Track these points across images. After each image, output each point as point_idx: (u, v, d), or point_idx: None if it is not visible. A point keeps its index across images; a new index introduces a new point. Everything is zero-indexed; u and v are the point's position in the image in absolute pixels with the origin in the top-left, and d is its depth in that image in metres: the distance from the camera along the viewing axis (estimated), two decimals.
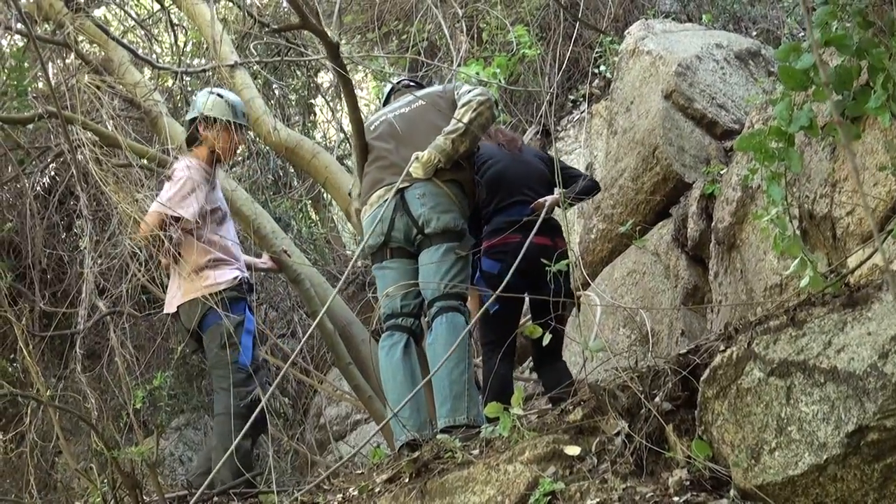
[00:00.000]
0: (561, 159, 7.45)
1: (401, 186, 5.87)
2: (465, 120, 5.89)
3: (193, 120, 6.87)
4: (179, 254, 6.42)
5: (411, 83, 6.93)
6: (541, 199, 6.38)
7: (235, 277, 6.51)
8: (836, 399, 3.16)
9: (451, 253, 5.75)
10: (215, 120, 6.75)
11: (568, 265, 6.20)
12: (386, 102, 6.75)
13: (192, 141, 6.92)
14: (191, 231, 6.44)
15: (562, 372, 6.40)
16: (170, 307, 6.63)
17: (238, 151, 7.50)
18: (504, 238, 6.26)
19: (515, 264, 5.33)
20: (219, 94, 6.92)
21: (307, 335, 5.73)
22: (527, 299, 6.54)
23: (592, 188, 6.75)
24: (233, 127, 6.81)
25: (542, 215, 6.04)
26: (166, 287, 7.44)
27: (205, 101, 6.84)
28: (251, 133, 8.03)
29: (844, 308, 3.33)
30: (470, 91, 6.16)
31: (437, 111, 6.16)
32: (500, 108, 10.35)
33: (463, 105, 6.01)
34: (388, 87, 6.89)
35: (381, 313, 6.08)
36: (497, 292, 5.11)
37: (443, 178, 5.90)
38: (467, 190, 6.06)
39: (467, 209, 6.05)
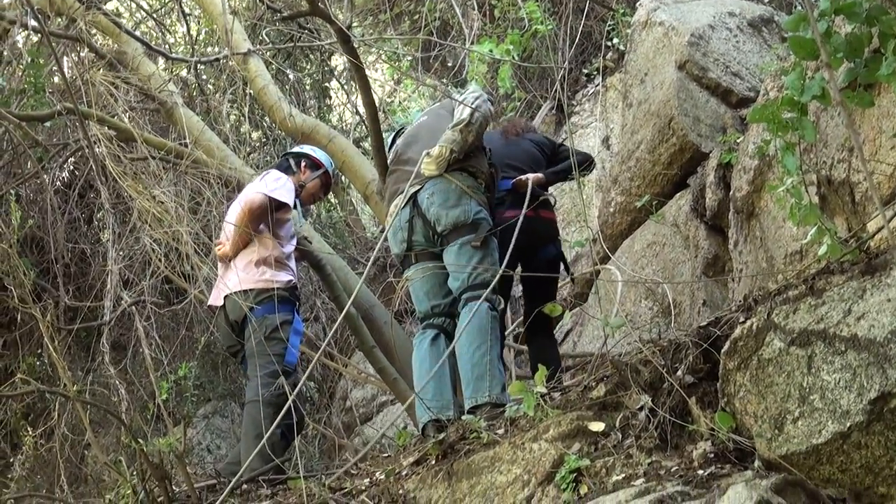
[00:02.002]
0: (560, 141, 7.51)
1: (413, 190, 5.92)
2: (467, 113, 5.95)
3: (294, 154, 7.52)
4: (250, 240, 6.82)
5: None
6: (522, 177, 6.42)
7: (290, 281, 6.83)
8: (857, 366, 3.16)
9: (467, 246, 5.78)
10: (317, 167, 7.41)
11: (557, 236, 6.37)
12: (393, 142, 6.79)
13: (281, 167, 7.38)
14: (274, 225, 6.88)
15: (549, 348, 6.44)
16: (216, 300, 6.82)
17: (313, 204, 8.23)
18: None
19: (512, 243, 5.50)
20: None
21: (336, 325, 5.77)
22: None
23: (581, 162, 6.77)
24: (328, 183, 7.59)
25: (528, 192, 6.17)
26: (188, 278, 7.54)
27: (316, 151, 7.60)
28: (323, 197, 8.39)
29: (863, 275, 3.33)
30: (463, 94, 6.29)
31: (440, 119, 6.26)
32: (514, 85, 10.31)
33: (460, 104, 6.10)
34: (393, 133, 6.93)
35: (417, 316, 6.20)
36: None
37: (451, 170, 5.92)
38: (481, 178, 6.06)
39: (484, 197, 6.04)
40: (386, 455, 5.66)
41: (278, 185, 6.88)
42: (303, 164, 7.38)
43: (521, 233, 5.81)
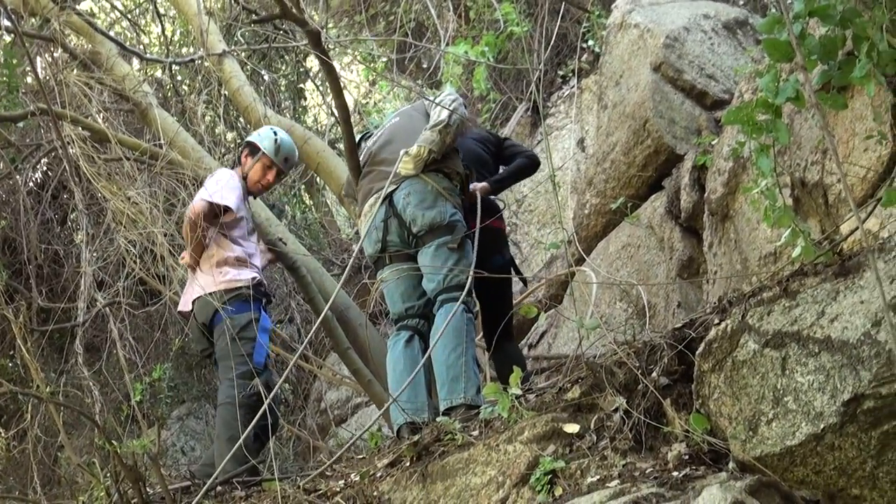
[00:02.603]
0: (509, 137, 7.50)
1: (389, 190, 5.91)
2: (445, 114, 5.97)
3: (247, 143, 7.18)
4: (206, 244, 6.69)
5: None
6: (469, 187, 6.42)
7: (254, 278, 6.72)
8: (831, 368, 3.17)
9: (443, 248, 5.77)
10: (257, 152, 7.02)
11: (505, 245, 6.39)
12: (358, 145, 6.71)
13: (237, 160, 7.21)
14: (224, 227, 6.74)
15: (513, 356, 6.41)
16: (185, 305, 6.79)
17: (268, 189, 7.55)
18: None
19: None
20: (275, 132, 7.16)
21: (314, 329, 5.76)
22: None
23: (526, 166, 6.81)
24: (270, 164, 7.05)
25: (478, 203, 6.19)
26: (163, 279, 7.51)
27: (261, 132, 7.18)
28: (288, 177, 8.09)
29: (837, 277, 3.33)
30: (439, 96, 6.29)
31: (412, 120, 6.29)
32: (489, 86, 10.31)
33: (438, 105, 6.10)
34: (360, 136, 6.84)
35: (391, 318, 6.18)
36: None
37: (427, 171, 5.92)
38: (456, 180, 6.06)
39: (458, 199, 6.04)
40: (360, 457, 5.65)
41: (218, 187, 6.71)
42: (244, 153, 7.13)
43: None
